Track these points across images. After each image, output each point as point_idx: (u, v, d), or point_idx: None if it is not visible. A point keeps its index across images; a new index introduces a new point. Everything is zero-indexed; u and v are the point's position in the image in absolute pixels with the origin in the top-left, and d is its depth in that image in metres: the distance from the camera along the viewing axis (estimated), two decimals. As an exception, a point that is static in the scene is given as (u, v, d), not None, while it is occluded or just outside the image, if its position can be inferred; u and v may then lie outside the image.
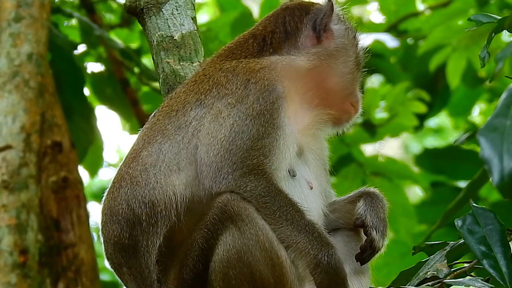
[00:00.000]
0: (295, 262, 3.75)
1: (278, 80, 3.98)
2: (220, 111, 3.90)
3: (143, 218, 3.82)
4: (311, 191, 3.97)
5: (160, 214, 3.81)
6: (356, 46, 4.22)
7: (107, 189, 3.97)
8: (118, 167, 4.00)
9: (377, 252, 3.94)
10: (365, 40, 4.30)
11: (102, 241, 3.93)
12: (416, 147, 14.19)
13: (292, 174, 3.91)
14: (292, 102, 4.01)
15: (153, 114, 4.11)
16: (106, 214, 3.91)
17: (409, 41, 10.14)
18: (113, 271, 3.95)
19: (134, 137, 4.07)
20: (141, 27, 4.71)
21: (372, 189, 4.07)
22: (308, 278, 3.79)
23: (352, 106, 4.20)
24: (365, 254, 3.94)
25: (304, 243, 3.73)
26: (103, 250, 3.95)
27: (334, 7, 4.17)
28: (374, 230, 3.92)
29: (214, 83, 3.99)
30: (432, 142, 14.09)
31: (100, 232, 3.95)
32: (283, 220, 3.74)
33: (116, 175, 3.96)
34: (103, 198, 3.97)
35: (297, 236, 3.73)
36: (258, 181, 3.76)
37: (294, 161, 3.94)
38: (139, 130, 4.09)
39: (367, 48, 4.29)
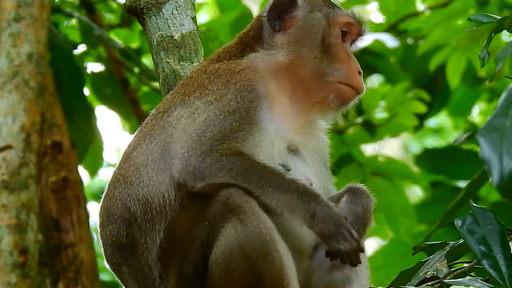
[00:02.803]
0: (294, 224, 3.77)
1: (259, 80, 4.00)
2: (197, 108, 3.93)
3: (139, 215, 3.84)
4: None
5: (155, 210, 3.82)
6: (328, 22, 4.15)
7: (104, 193, 4.00)
8: (113, 172, 4.03)
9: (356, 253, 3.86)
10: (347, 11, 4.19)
11: (101, 243, 3.95)
12: (416, 147, 14.19)
13: (287, 168, 3.91)
14: (280, 102, 4.02)
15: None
16: (103, 215, 3.94)
17: (409, 41, 10.14)
18: (113, 272, 3.96)
19: (131, 138, 4.10)
20: (141, 27, 4.71)
21: (357, 185, 4.04)
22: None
23: (343, 85, 4.12)
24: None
25: (294, 200, 3.73)
26: (102, 252, 3.97)
27: None
28: None
29: (198, 85, 4.02)
30: (432, 142, 14.09)
31: (99, 235, 3.97)
32: (267, 187, 3.74)
33: (111, 179, 3.99)
34: (100, 202, 3.99)
35: (285, 197, 3.74)
36: (231, 163, 3.76)
37: (285, 156, 3.94)
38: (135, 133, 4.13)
39: (349, 19, 4.20)
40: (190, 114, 3.92)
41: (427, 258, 4.10)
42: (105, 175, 12.75)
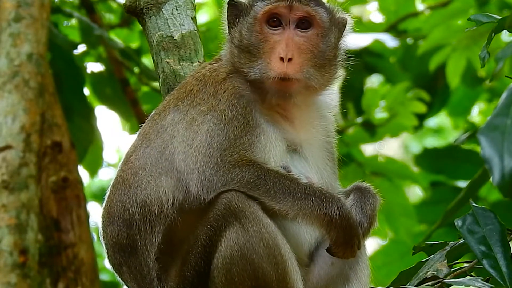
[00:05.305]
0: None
1: (243, 87, 4.00)
2: (194, 119, 3.94)
3: (138, 217, 3.88)
4: None
5: (153, 213, 3.87)
6: (251, 20, 4.05)
7: (106, 195, 4.04)
8: (115, 174, 4.06)
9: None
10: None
11: (103, 244, 4.00)
12: (416, 147, 14.19)
13: (287, 170, 3.91)
14: (267, 102, 4.02)
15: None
16: (104, 217, 3.99)
17: (409, 41, 10.14)
18: (114, 272, 3.99)
19: (134, 137, 4.12)
20: (141, 27, 4.72)
21: (364, 184, 4.05)
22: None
23: (270, 80, 3.95)
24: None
25: (310, 207, 3.76)
26: (105, 252, 4.01)
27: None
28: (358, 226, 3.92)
29: (188, 91, 4.05)
30: (432, 142, 14.10)
31: (101, 236, 4.01)
32: (280, 194, 3.76)
33: (112, 181, 4.03)
34: (103, 204, 4.03)
35: (300, 203, 3.76)
36: (243, 172, 3.78)
37: (286, 157, 3.95)
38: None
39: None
40: (187, 125, 3.94)
41: (427, 258, 4.11)
42: (105, 175, 12.76)
